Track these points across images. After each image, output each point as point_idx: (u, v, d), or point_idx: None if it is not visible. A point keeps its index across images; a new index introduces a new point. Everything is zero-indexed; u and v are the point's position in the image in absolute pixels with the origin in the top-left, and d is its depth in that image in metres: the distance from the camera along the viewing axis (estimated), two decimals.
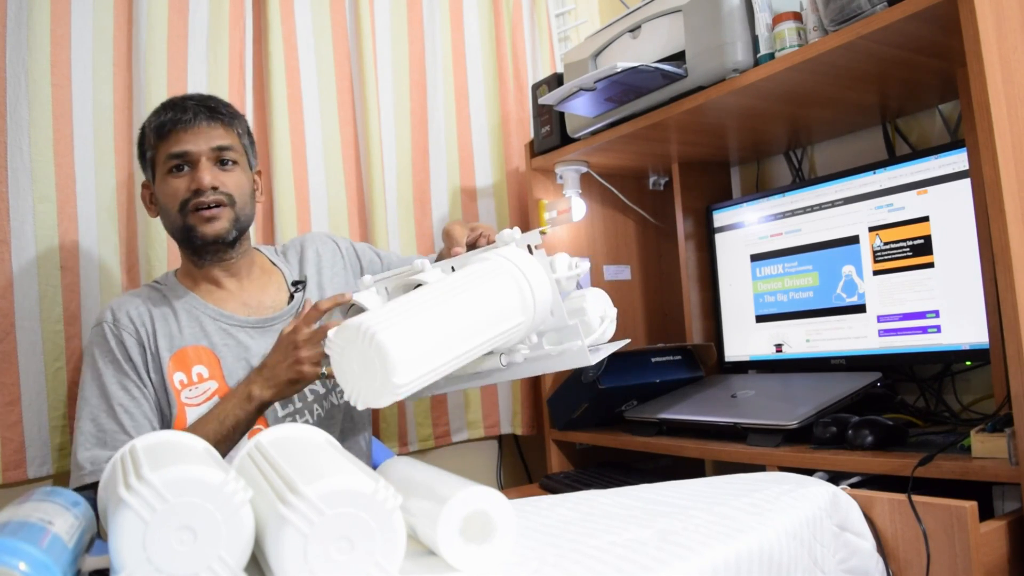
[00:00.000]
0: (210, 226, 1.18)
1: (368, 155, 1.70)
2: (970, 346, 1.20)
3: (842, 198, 1.38)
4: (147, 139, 1.20)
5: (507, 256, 0.88)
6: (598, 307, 0.96)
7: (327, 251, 1.37)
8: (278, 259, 1.35)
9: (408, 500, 0.66)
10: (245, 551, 0.57)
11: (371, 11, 1.73)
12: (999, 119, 0.92)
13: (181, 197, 1.17)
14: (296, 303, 1.29)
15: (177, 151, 1.16)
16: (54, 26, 1.38)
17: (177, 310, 1.21)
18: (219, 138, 1.19)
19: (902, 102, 1.38)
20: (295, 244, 1.38)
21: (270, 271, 1.33)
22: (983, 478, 0.93)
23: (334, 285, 1.34)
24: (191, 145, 1.17)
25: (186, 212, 1.17)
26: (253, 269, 1.30)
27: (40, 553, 0.50)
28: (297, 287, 1.31)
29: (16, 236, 1.34)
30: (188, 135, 1.16)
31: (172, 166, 1.17)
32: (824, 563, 0.77)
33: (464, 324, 0.78)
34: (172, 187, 1.17)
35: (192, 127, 1.17)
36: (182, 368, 1.17)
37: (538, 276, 0.86)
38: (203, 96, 1.23)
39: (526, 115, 1.88)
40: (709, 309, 1.67)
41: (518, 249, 0.90)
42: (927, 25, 1.01)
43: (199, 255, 1.22)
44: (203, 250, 1.21)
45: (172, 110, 1.18)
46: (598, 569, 0.64)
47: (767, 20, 1.23)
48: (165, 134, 1.17)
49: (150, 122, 1.20)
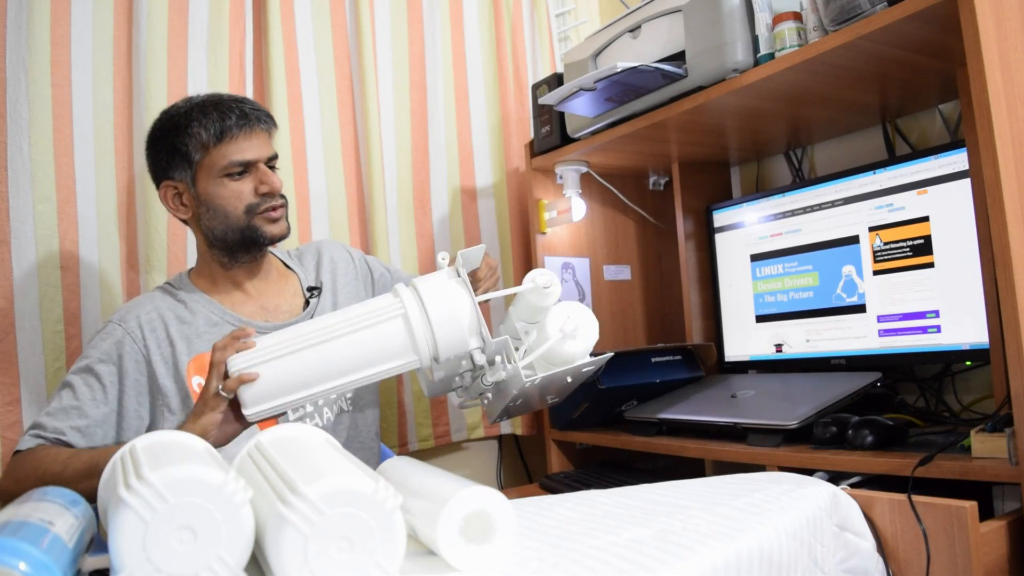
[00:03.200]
0: (277, 226, 1.21)
1: (368, 155, 1.70)
2: (970, 346, 1.20)
3: (842, 198, 1.38)
4: (194, 140, 1.17)
5: (405, 298, 0.93)
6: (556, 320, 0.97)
7: (342, 260, 1.38)
8: (293, 263, 1.35)
9: (408, 500, 0.67)
10: (245, 551, 0.57)
11: (371, 11, 1.73)
12: (999, 119, 0.92)
13: (248, 200, 1.18)
14: (311, 309, 1.29)
15: (243, 159, 1.17)
16: (54, 26, 1.38)
17: (196, 314, 1.21)
18: (271, 147, 1.22)
19: (902, 102, 1.38)
20: (311, 249, 1.39)
21: (285, 274, 1.33)
22: (983, 478, 0.93)
23: (347, 294, 1.34)
24: (255, 152, 1.19)
25: (253, 214, 1.19)
26: (271, 271, 1.30)
27: (40, 553, 0.50)
28: (312, 293, 1.31)
29: (16, 236, 1.33)
30: (250, 142, 1.18)
31: (233, 171, 1.18)
32: (824, 563, 0.77)
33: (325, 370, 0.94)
34: (234, 190, 1.18)
35: (253, 132, 1.19)
36: (200, 372, 1.17)
37: (444, 310, 0.91)
38: (244, 99, 1.23)
39: (526, 115, 1.88)
40: (709, 309, 1.67)
41: (428, 284, 0.94)
42: (927, 25, 1.01)
43: (239, 256, 1.23)
44: (257, 250, 1.23)
45: (231, 114, 1.17)
46: (598, 569, 0.64)
47: (767, 20, 1.23)
48: (229, 138, 1.17)
49: (200, 123, 1.17)
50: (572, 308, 0.98)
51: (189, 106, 1.19)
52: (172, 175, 1.21)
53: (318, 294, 1.31)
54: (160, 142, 1.21)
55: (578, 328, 0.96)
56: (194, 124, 1.17)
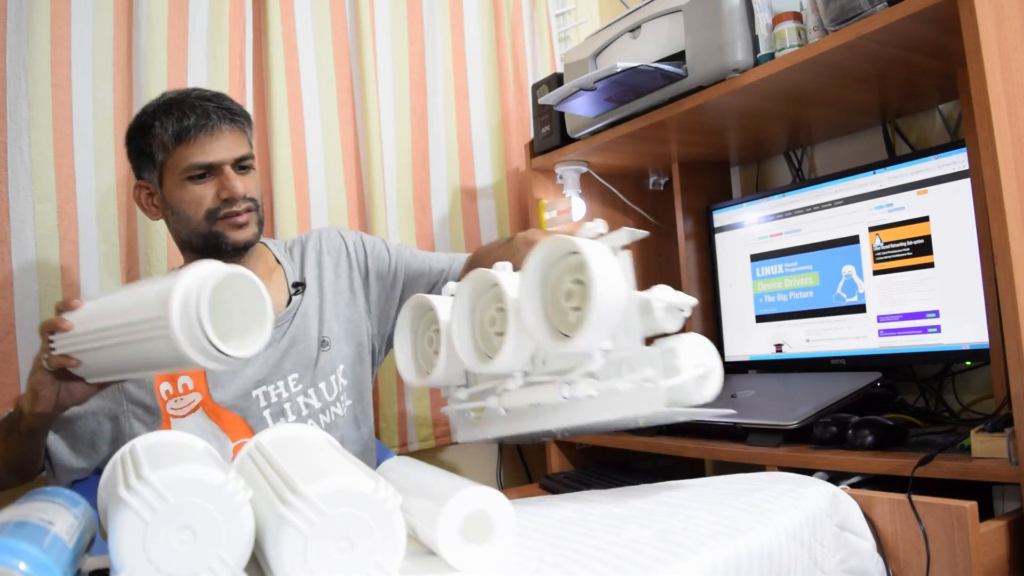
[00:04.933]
0: (240, 233, 1.16)
1: (368, 155, 1.70)
2: (970, 346, 1.20)
3: (842, 198, 1.38)
4: (156, 140, 1.13)
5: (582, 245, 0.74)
6: (693, 353, 0.79)
7: (333, 251, 1.32)
8: (283, 256, 1.31)
9: (408, 500, 0.66)
10: (245, 551, 0.57)
11: (371, 11, 1.73)
12: (999, 119, 0.92)
13: (208, 205, 1.13)
14: (294, 306, 1.26)
15: (203, 161, 1.12)
16: (54, 26, 1.38)
17: None
18: (241, 146, 1.16)
19: (902, 102, 1.38)
20: (299, 242, 1.34)
21: (273, 269, 1.29)
22: (983, 478, 0.93)
23: (335, 290, 1.30)
24: (217, 155, 1.13)
25: (214, 220, 1.14)
26: (258, 266, 1.25)
27: (40, 553, 0.50)
28: (297, 289, 1.27)
29: (16, 236, 1.34)
30: (212, 143, 1.12)
31: (194, 174, 1.13)
32: (824, 563, 0.77)
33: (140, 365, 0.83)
34: (195, 194, 1.13)
35: (215, 133, 1.12)
36: (168, 378, 1.15)
37: (607, 276, 0.72)
38: (215, 95, 1.18)
39: (526, 115, 1.88)
40: (709, 309, 1.67)
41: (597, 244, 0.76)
42: (927, 25, 1.01)
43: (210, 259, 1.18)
44: (226, 256, 1.15)
45: (192, 113, 1.12)
46: (598, 569, 0.64)
47: (767, 20, 1.23)
48: (188, 140, 1.11)
49: (162, 123, 1.12)
50: (706, 344, 0.82)
51: (157, 104, 1.15)
52: (143, 175, 1.18)
53: (302, 290, 1.27)
54: (131, 141, 1.18)
55: (713, 371, 0.81)
56: (156, 124, 1.13)
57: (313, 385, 1.24)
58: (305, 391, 1.23)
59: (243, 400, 1.19)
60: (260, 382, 1.20)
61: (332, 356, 1.26)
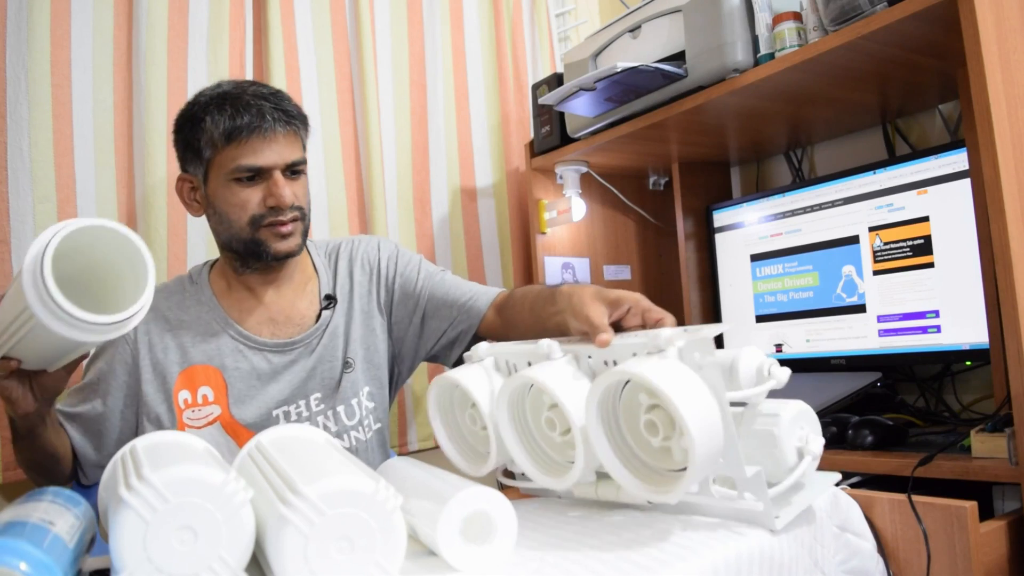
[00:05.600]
0: (284, 243, 1.10)
1: (368, 155, 1.70)
2: (970, 346, 1.20)
3: (842, 198, 1.38)
4: (206, 135, 1.07)
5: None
6: (795, 430, 0.72)
7: (366, 266, 1.24)
8: (320, 262, 1.24)
9: (408, 500, 0.67)
10: (246, 551, 0.57)
11: (371, 11, 1.73)
12: (999, 119, 0.92)
13: (253, 211, 1.07)
14: (323, 322, 1.18)
15: (252, 164, 1.06)
16: (54, 26, 1.38)
17: (198, 320, 1.14)
18: (294, 150, 1.10)
19: (902, 102, 1.38)
20: (336, 249, 1.26)
21: (309, 279, 1.22)
22: (983, 478, 0.94)
23: (363, 309, 1.22)
24: (267, 159, 1.06)
25: (258, 227, 1.08)
26: (295, 273, 1.19)
27: (41, 553, 0.50)
28: (328, 303, 1.20)
29: (16, 236, 1.33)
30: (265, 146, 1.06)
31: (242, 176, 1.07)
32: (824, 564, 0.77)
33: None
34: (240, 198, 1.07)
35: (269, 136, 1.06)
36: (188, 387, 1.11)
37: (703, 425, 0.62)
38: (273, 93, 1.11)
39: (526, 115, 1.88)
40: (709, 309, 1.67)
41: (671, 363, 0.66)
42: (927, 25, 1.01)
43: (250, 263, 1.13)
44: (266, 264, 1.12)
45: (246, 112, 1.05)
46: (598, 569, 0.64)
47: (767, 20, 1.23)
48: (238, 140, 1.05)
49: (214, 118, 1.06)
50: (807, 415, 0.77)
51: (210, 96, 1.09)
52: (188, 168, 1.13)
53: (333, 305, 1.20)
54: (178, 132, 1.13)
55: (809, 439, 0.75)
56: (207, 119, 1.06)
57: (332, 408, 1.18)
58: (325, 412, 1.18)
59: (263, 419, 1.14)
60: (283, 402, 1.15)
61: (355, 379, 1.20)
